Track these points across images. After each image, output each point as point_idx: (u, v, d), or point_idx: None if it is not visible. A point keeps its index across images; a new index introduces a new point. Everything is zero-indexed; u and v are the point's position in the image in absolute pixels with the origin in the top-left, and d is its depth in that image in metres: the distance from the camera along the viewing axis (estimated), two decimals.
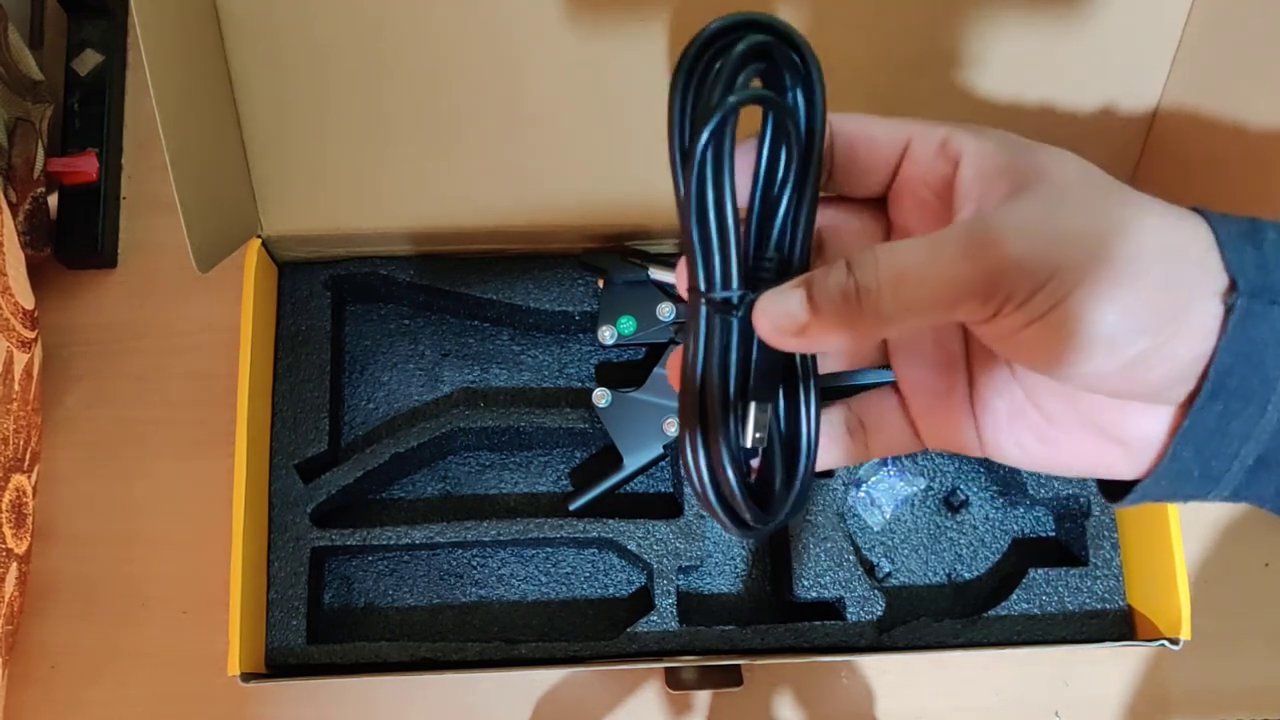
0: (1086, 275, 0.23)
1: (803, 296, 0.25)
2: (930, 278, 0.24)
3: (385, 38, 0.44)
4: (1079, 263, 0.23)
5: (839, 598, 0.47)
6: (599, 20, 0.43)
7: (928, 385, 0.29)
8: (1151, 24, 0.44)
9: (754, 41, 0.24)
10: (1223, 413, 0.24)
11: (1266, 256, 0.23)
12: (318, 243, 0.48)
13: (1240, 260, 0.23)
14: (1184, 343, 0.23)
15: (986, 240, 0.23)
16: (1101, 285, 0.23)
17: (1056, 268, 0.23)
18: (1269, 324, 0.23)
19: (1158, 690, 0.51)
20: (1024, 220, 0.24)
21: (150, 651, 0.49)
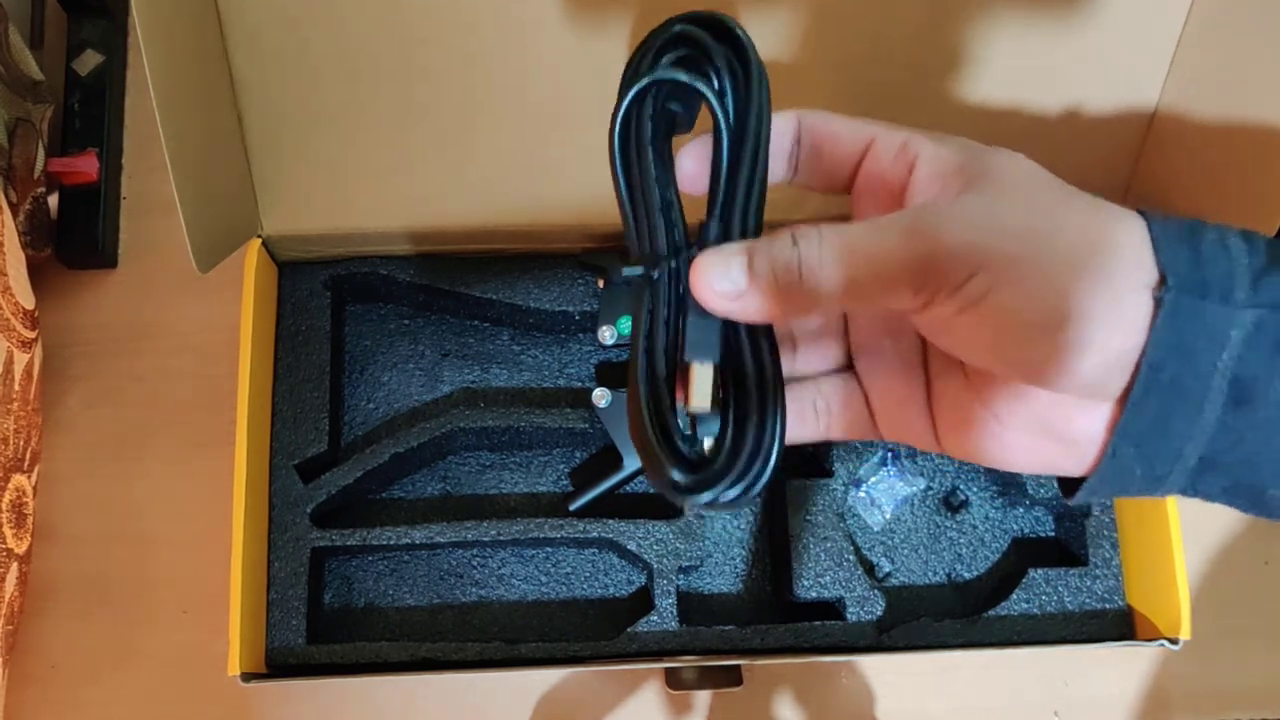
0: (1014, 265, 0.23)
1: (744, 262, 0.25)
2: (870, 258, 0.24)
3: (386, 38, 0.44)
4: (1009, 254, 0.24)
5: (839, 598, 0.47)
6: (599, 20, 0.43)
7: (887, 385, 0.30)
8: (1151, 24, 0.44)
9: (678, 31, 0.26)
10: (1159, 409, 0.24)
11: (1201, 254, 0.24)
12: (318, 243, 0.48)
13: (1172, 256, 0.24)
14: (1115, 334, 0.23)
15: (924, 228, 0.24)
16: (1028, 276, 0.23)
17: (986, 257, 0.24)
18: (1199, 319, 0.23)
19: (1158, 690, 0.51)
20: (962, 212, 0.25)
21: (150, 651, 0.49)
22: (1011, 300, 0.24)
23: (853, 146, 0.28)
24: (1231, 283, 0.23)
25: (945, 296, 0.24)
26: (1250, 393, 0.23)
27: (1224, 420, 0.24)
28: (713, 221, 0.27)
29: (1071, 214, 0.25)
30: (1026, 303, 0.23)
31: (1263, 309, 0.23)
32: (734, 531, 0.50)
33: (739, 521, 0.50)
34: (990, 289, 0.24)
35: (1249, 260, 0.24)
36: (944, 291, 0.24)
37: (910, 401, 0.29)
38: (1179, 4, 0.44)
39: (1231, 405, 0.23)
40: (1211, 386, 0.23)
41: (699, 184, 0.28)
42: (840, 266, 0.25)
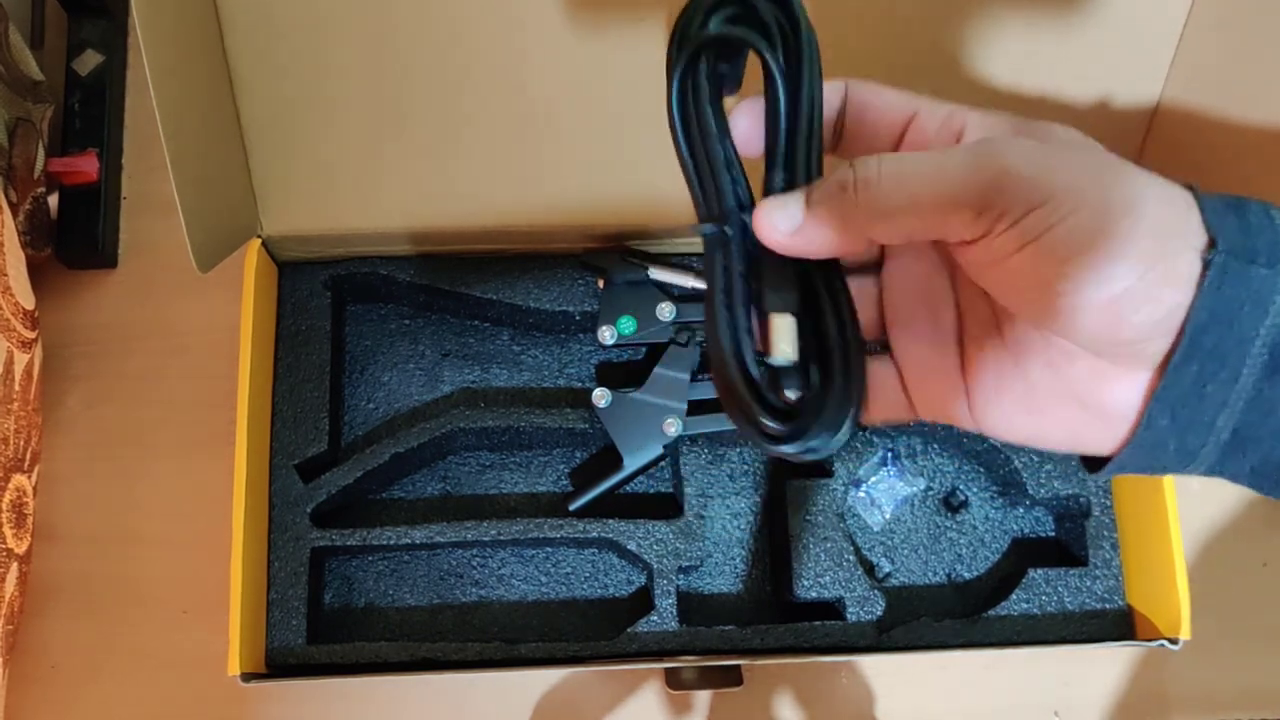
0: (1083, 203, 0.23)
1: (801, 196, 0.26)
2: (931, 178, 0.24)
3: (386, 38, 0.44)
4: (1077, 190, 0.24)
5: (839, 598, 0.47)
6: (599, 20, 0.43)
7: (922, 357, 0.30)
8: (1152, 23, 0.44)
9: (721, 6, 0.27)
10: (1198, 374, 0.24)
11: (1249, 223, 0.24)
12: (318, 243, 0.48)
13: (1221, 222, 0.24)
14: (1168, 288, 0.23)
15: (991, 154, 0.24)
16: (1097, 215, 0.23)
17: (1054, 190, 0.23)
18: (1245, 283, 0.23)
19: (1158, 690, 0.51)
20: (1028, 147, 0.25)
21: (150, 651, 0.49)
22: (1074, 237, 0.23)
23: (898, 116, 0.28)
24: (1277, 247, 0.23)
25: (1007, 226, 0.24)
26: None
27: (1259, 388, 0.24)
28: (777, 172, 0.27)
29: (1124, 171, 0.25)
30: (1089, 242, 0.23)
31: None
32: (734, 531, 0.50)
33: (739, 521, 0.50)
34: (1055, 223, 0.23)
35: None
36: (1006, 219, 0.24)
37: (945, 373, 0.29)
38: (1181, 3, 0.44)
39: (1267, 375, 0.23)
40: (1251, 353, 0.23)
41: (754, 144, 0.28)
42: (900, 186, 0.25)
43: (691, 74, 0.27)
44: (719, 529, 0.50)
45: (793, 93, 0.27)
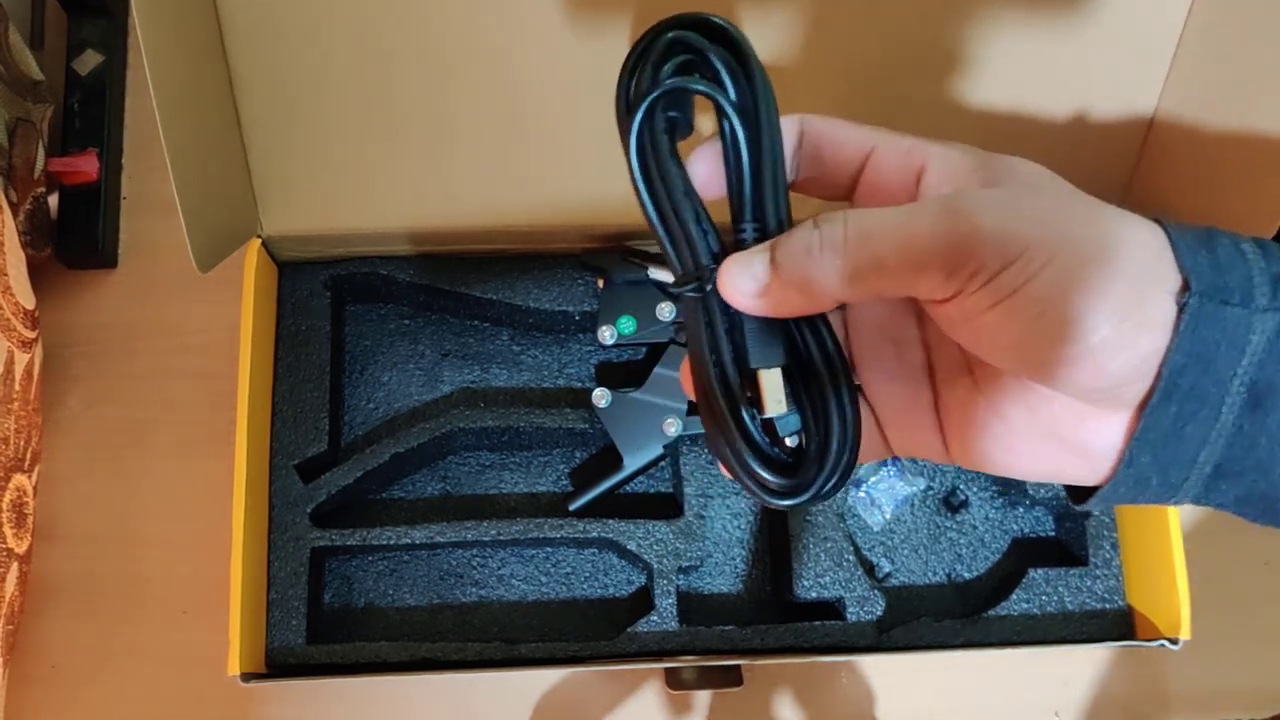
0: (1056, 255, 0.23)
1: (766, 256, 0.25)
2: (898, 239, 0.24)
3: (385, 38, 0.44)
4: (1050, 242, 0.23)
5: (839, 598, 0.47)
6: (599, 20, 0.43)
7: (894, 396, 0.29)
8: (1150, 26, 0.44)
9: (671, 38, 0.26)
10: (1177, 415, 0.24)
11: (1220, 259, 0.24)
12: (318, 243, 0.48)
13: (1194, 261, 0.23)
14: (1145, 333, 0.23)
15: (959, 210, 0.23)
16: (1070, 267, 0.23)
17: (1026, 245, 0.23)
18: (1220, 324, 0.23)
19: (1158, 690, 0.51)
20: (998, 199, 0.24)
21: (150, 651, 0.49)
22: (1048, 292, 0.23)
23: (855, 152, 0.28)
24: (1251, 287, 0.23)
25: (980, 284, 0.23)
26: (1266, 398, 0.23)
27: (1239, 426, 0.23)
28: (746, 224, 0.26)
29: (1094, 213, 0.24)
30: (1063, 297, 0.23)
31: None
32: (734, 531, 0.50)
33: (739, 521, 0.50)
34: (1028, 279, 0.23)
35: (1265, 265, 0.24)
36: (979, 279, 0.23)
37: (918, 411, 0.29)
38: (1179, 6, 0.44)
39: (1248, 411, 0.23)
40: (1230, 391, 0.23)
41: (714, 188, 0.27)
42: (867, 248, 0.24)
43: (649, 130, 0.26)
44: (719, 529, 0.50)
45: (753, 137, 0.26)
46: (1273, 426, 0.23)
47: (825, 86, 0.45)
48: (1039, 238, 0.23)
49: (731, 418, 0.26)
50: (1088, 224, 0.24)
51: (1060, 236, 0.23)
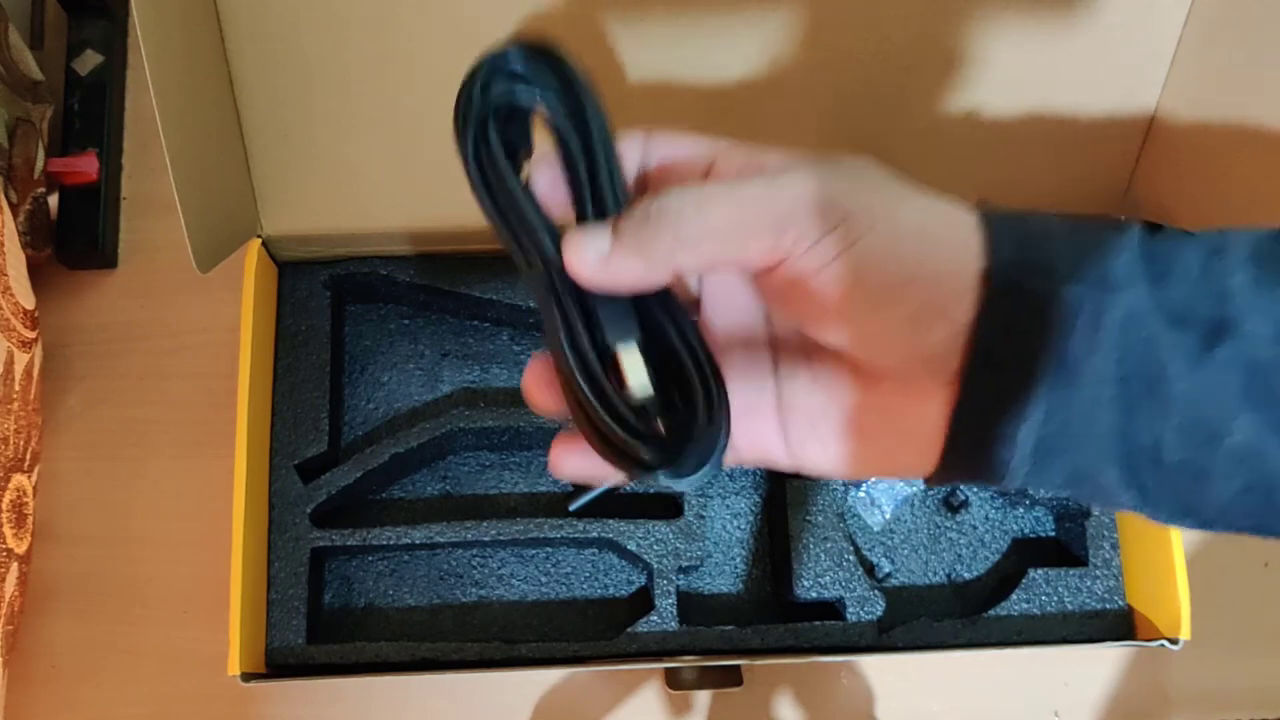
0: (874, 225, 0.24)
1: (608, 227, 0.26)
2: (728, 205, 0.25)
3: (386, 38, 0.44)
4: (868, 214, 0.24)
5: (839, 598, 0.47)
6: (599, 20, 0.43)
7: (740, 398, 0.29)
8: (1150, 26, 0.44)
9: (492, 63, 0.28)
10: (991, 387, 0.24)
11: (1028, 233, 0.25)
12: (318, 243, 0.48)
13: (999, 238, 0.25)
14: (958, 304, 0.24)
15: (784, 181, 0.25)
16: (888, 236, 0.24)
17: (847, 213, 0.24)
18: (1021, 298, 0.24)
19: (1158, 690, 0.51)
20: (821, 172, 0.25)
21: (150, 651, 0.49)
22: (869, 259, 0.24)
23: (699, 163, 0.29)
24: (1053, 263, 0.24)
25: (805, 249, 0.25)
26: (1072, 372, 0.24)
27: (1050, 400, 0.24)
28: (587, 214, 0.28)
29: (913, 194, 0.26)
30: (884, 262, 0.24)
31: (1081, 284, 0.24)
32: (734, 531, 0.50)
33: (739, 521, 0.50)
34: (850, 244, 0.24)
35: (1071, 241, 0.25)
36: (804, 242, 0.24)
37: (762, 413, 0.29)
38: (1179, 6, 0.44)
39: (1056, 384, 0.24)
40: (1038, 364, 0.24)
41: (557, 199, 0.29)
42: (699, 213, 0.25)
43: (484, 144, 0.28)
44: (719, 529, 0.50)
45: (584, 138, 0.28)
46: (1080, 399, 0.24)
47: (822, 84, 0.45)
48: (858, 208, 0.25)
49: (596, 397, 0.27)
50: (905, 201, 0.25)
51: (878, 208, 0.25)
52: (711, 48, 0.44)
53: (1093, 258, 0.24)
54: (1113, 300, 0.24)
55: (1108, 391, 0.24)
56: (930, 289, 0.24)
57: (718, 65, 0.44)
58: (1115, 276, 0.24)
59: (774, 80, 0.45)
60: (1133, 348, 0.24)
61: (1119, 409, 0.24)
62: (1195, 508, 0.25)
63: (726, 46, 0.44)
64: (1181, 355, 0.23)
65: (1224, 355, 0.23)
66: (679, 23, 0.43)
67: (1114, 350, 0.24)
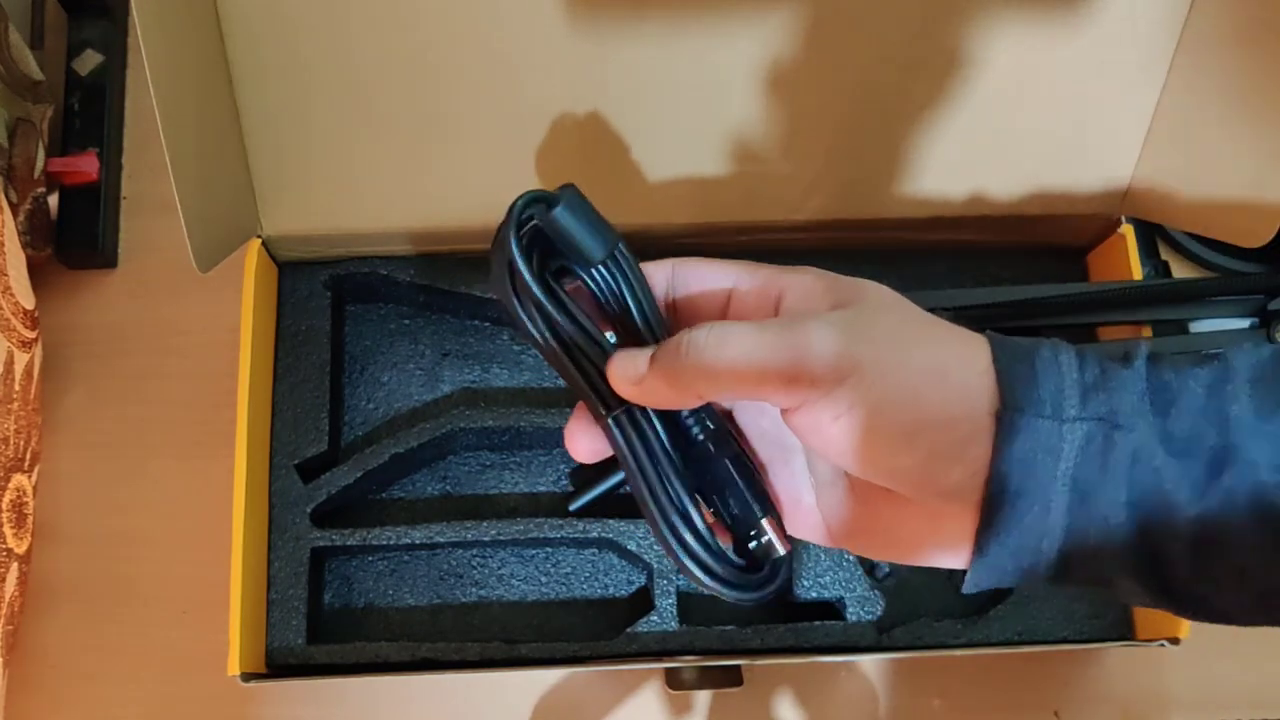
0: (887, 375, 0.26)
1: (648, 353, 0.29)
2: (745, 349, 0.27)
3: (386, 38, 0.44)
4: (882, 362, 0.26)
5: (839, 598, 0.47)
6: (599, 20, 0.43)
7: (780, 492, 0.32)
8: (1150, 27, 0.44)
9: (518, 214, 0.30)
10: (1011, 511, 0.26)
11: (1036, 371, 0.26)
12: (318, 243, 0.48)
13: (1010, 377, 0.26)
14: (973, 446, 0.26)
15: (798, 331, 0.27)
16: (896, 386, 0.26)
17: (859, 363, 0.26)
18: (1033, 434, 0.25)
19: (1158, 690, 0.51)
20: (835, 321, 0.27)
21: (150, 651, 0.49)
22: (884, 406, 0.25)
23: (719, 288, 0.31)
24: (1062, 399, 0.26)
25: (817, 397, 0.26)
26: (1087, 495, 0.25)
27: (1071, 518, 0.26)
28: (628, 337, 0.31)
29: (926, 333, 0.27)
30: (897, 411, 0.26)
31: (1089, 421, 0.25)
32: None
33: None
34: (862, 397, 0.25)
35: (1079, 375, 0.26)
36: (816, 391, 0.26)
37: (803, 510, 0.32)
38: (1179, 6, 0.44)
39: (1076, 505, 0.26)
40: (1055, 491, 0.25)
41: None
42: (720, 352, 0.27)
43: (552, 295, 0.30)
44: None
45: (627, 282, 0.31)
46: (1097, 519, 0.25)
47: (825, 87, 0.45)
48: (872, 358, 0.26)
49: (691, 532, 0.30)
50: (919, 345, 0.27)
51: (893, 357, 0.26)
52: (711, 48, 0.44)
53: (1101, 396, 0.26)
54: (1120, 437, 0.25)
55: (1120, 515, 0.25)
56: (945, 433, 0.26)
57: (718, 65, 0.44)
58: (1123, 414, 0.25)
59: (776, 84, 0.45)
60: (1140, 479, 0.25)
61: (1132, 530, 0.25)
62: (1211, 611, 0.27)
63: (726, 47, 0.44)
64: (1188, 484, 0.25)
65: (1228, 482, 0.24)
66: (679, 23, 0.43)
67: (1123, 481, 0.25)
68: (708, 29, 0.43)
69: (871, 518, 0.30)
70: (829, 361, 0.26)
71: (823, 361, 0.26)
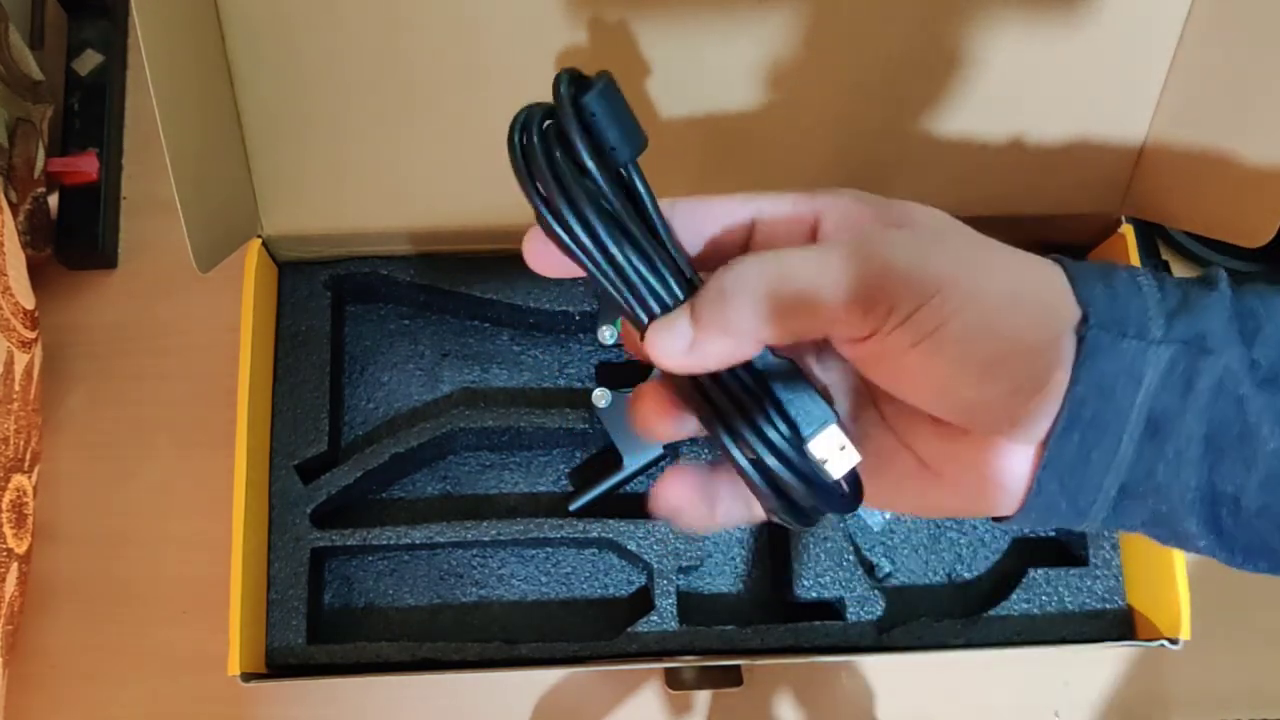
0: (972, 298, 0.23)
1: (686, 311, 0.25)
2: (813, 278, 0.24)
3: (386, 37, 0.44)
4: (961, 286, 0.23)
5: (839, 598, 0.47)
6: (598, 20, 0.43)
7: None
8: (1150, 27, 0.44)
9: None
10: (1080, 443, 0.24)
11: (1117, 293, 0.24)
12: (318, 243, 0.48)
13: (1091, 295, 0.24)
14: (1057, 370, 0.24)
15: (872, 251, 0.24)
16: (984, 311, 0.23)
17: (941, 285, 0.23)
18: (1117, 356, 0.24)
19: (1158, 690, 0.51)
20: (907, 240, 0.24)
21: (150, 651, 0.49)
22: (966, 334, 0.23)
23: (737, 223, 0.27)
24: (1146, 320, 0.24)
25: (898, 323, 0.23)
26: (1162, 428, 0.24)
27: (1139, 453, 0.24)
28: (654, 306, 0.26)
29: (997, 257, 0.25)
30: (981, 337, 0.23)
31: (1175, 345, 0.24)
32: (734, 531, 0.50)
33: None
34: (947, 317, 0.23)
35: (1160, 298, 0.24)
36: (896, 315, 0.23)
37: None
38: (1179, 6, 0.44)
39: (1146, 439, 0.24)
40: (1129, 421, 0.24)
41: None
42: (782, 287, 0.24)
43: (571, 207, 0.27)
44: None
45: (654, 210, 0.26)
46: (1169, 453, 0.24)
47: (825, 87, 0.45)
48: (951, 281, 0.23)
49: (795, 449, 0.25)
50: (993, 269, 0.24)
51: (971, 282, 0.24)
52: (711, 48, 0.44)
53: (1186, 318, 0.24)
54: (1208, 363, 0.24)
55: (1195, 450, 0.24)
56: (1030, 362, 0.24)
57: (718, 65, 0.44)
58: (1210, 338, 0.24)
59: (776, 84, 0.45)
60: (1224, 409, 0.24)
61: (1204, 465, 0.24)
62: (1273, 550, 0.25)
63: (726, 47, 0.44)
64: (1271, 415, 0.24)
65: None
66: (679, 23, 0.43)
67: (1205, 411, 0.24)
68: (708, 29, 0.43)
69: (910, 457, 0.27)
70: (909, 280, 0.23)
71: (903, 280, 0.23)
